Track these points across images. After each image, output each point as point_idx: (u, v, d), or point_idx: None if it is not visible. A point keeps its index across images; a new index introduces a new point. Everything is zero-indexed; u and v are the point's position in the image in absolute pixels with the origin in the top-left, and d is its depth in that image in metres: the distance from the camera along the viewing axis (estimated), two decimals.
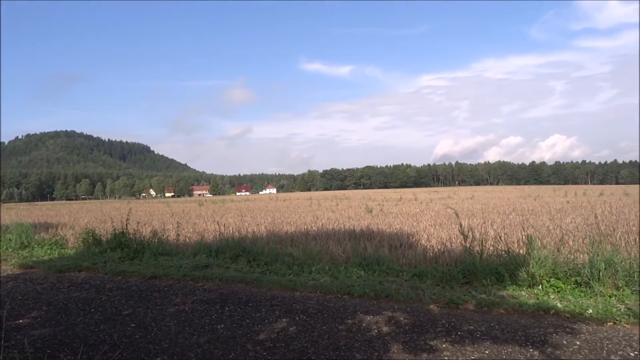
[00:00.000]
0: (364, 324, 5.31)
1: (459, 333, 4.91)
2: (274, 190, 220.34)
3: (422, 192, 73.32)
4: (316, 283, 7.26)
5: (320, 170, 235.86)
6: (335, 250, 9.25)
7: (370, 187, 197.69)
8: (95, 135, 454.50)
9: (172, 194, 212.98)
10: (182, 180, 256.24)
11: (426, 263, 8.17)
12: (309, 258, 8.90)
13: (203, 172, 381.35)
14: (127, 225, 11.49)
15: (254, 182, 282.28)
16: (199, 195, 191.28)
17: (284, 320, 5.58)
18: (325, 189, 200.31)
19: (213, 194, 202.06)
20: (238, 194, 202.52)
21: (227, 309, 6.16)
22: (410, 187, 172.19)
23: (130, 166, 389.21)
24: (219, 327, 5.42)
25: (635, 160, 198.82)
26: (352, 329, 5.15)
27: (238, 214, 24.34)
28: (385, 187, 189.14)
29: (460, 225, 8.10)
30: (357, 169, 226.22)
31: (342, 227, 14.53)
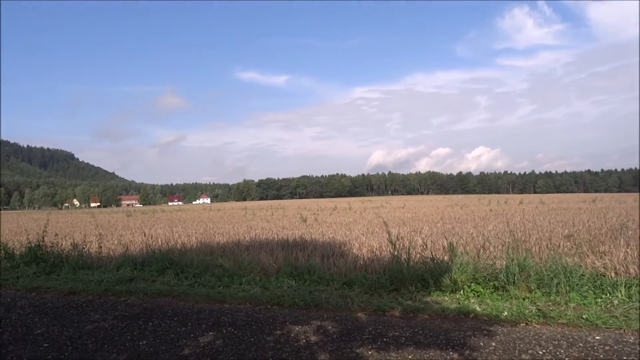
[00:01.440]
0: (292, 335, 5.29)
1: (385, 340, 5.02)
2: (208, 200, 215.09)
3: (356, 202, 74.72)
4: (246, 294, 7.15)
5: (256, 180, 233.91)
6: (266, 261, 9.17)
7: (306, 196, 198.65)
8: (12, 141, 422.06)
9: (98, 204, 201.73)
10: (109, 189, 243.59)
11: (356, 271, 8.30)
12: (240, 269, 8.77)
13: (132, 181, 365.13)
14: (44, 237, 10.74)
15: (187, 192, 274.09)
16: (128, 205, 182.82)
17: (210, 333, 5.44)
18: (261, 198, 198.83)
19: (143, 204, 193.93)
20: (170, 203, 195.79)
21: (150, 324, 5.90)
22: (345, 196, 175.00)
23: (52, 174, 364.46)
24: (140, 343, 5.17)
25: (549, 171, 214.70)
26: (280, 340, 5.11)
27: (168, 225, 23.53)
28: (321, 196, 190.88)
29: (389, 233, 8.33)
30: (293, 178, 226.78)
31: (276, 237, 14.46)
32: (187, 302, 6.99)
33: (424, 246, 9.25)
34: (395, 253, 7.58)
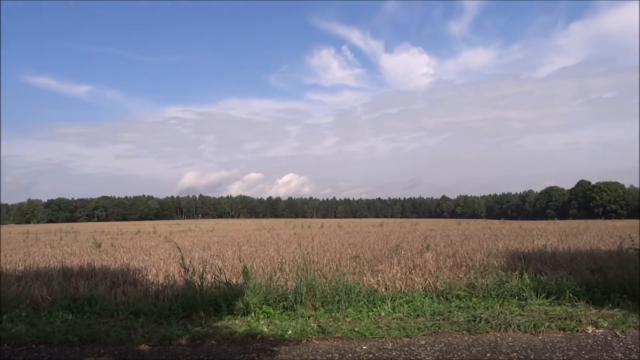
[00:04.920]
0: None
1: None
2: None
3: (163, 225, 70.97)
4: (6, 334, 6.07)
5: (45, 200, 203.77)
6: (39, 293, 7.96)
7: (106, 219, 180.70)
8: None
9: None
10: None
11: (147, 299, 7.80)
12: (3, 304, 7.42)
13: None
14: None
15: None
16: None
17: None
18: (50, 221, 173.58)
19: None
20: None
21: None
22: (151, 219, 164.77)
23: None
24: None
25: (348, 198, 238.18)
26: None
27: None
28: (124, 219, 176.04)
29: (182, 258, 8.09)
30: (92, 199, 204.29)
31: (61, 264, 12.73)
32: None
33: (222, 270, 9.20)
34: (188, 278, 7.37)
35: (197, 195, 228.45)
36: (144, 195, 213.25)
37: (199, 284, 7.37)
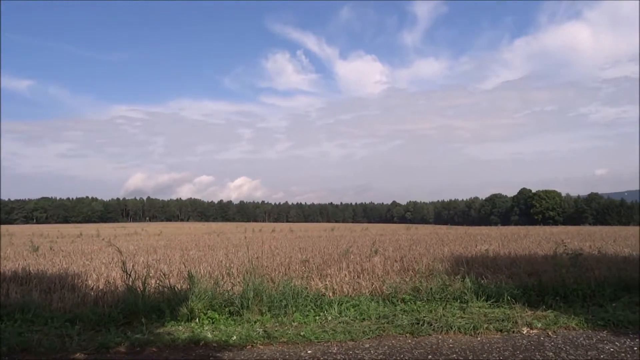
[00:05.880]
0: None
1: None
2: None
3: (107, 228, 68.25)
4: None
5: None
6: None
7: (46, 221, 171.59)
8: None
9: None
10: None
11: (85, 306, 7.46)
12: None
13: None
14: None
15: None
16: None
17: None
18: None
19: None
20: None
21: None
22: (95, 222, 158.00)
23: None
24: None
25: (300, 203, 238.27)
26: None
27: None
28: (66, 221, 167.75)
29: (123, 263, 7.79)
30: (30, 200, 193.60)
31: None
32: None
33: (166, 275, 8.95)
34: (130, 283, 7.12)
35: (144, 198, 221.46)
36: (87, 197, 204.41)
37: (141, 289, 7.14)
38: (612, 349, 5.55)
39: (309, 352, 5.50)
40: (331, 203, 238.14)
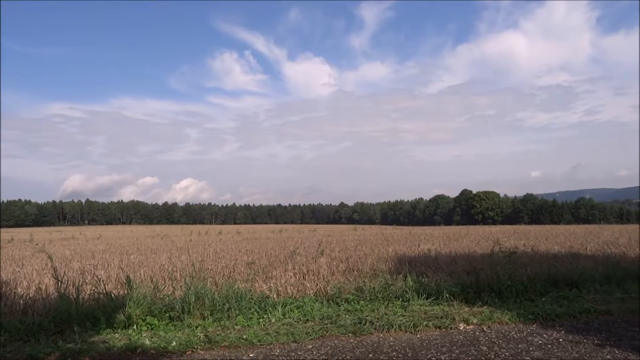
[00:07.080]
0: None
1: None
2: None
3: (42, 232, 64.55)
4: None
5: None
6: None
7: None
8: None
9: None
10: None
11: (13, 315, 7.00)
12: None
13: None
14: None
15: None
16: None
17: None
18: None
19: None
20: None
21: None
22: (28, 226, 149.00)
23: None
24: None
25: (248, 204, 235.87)
26: None
27: None
28: None
29: (54, 269, 7.40)
30: None
31: None
32: None
33: (102, 281, 8.56)
34: (62, 291, 6.76)
35: (83, 200, 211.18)
36: (20, 200, 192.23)
37: (75, 296, 6.79)
38: (540, 341, 5.88)
39: (251, 355, 5.43)
40: (279, 204, 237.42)
